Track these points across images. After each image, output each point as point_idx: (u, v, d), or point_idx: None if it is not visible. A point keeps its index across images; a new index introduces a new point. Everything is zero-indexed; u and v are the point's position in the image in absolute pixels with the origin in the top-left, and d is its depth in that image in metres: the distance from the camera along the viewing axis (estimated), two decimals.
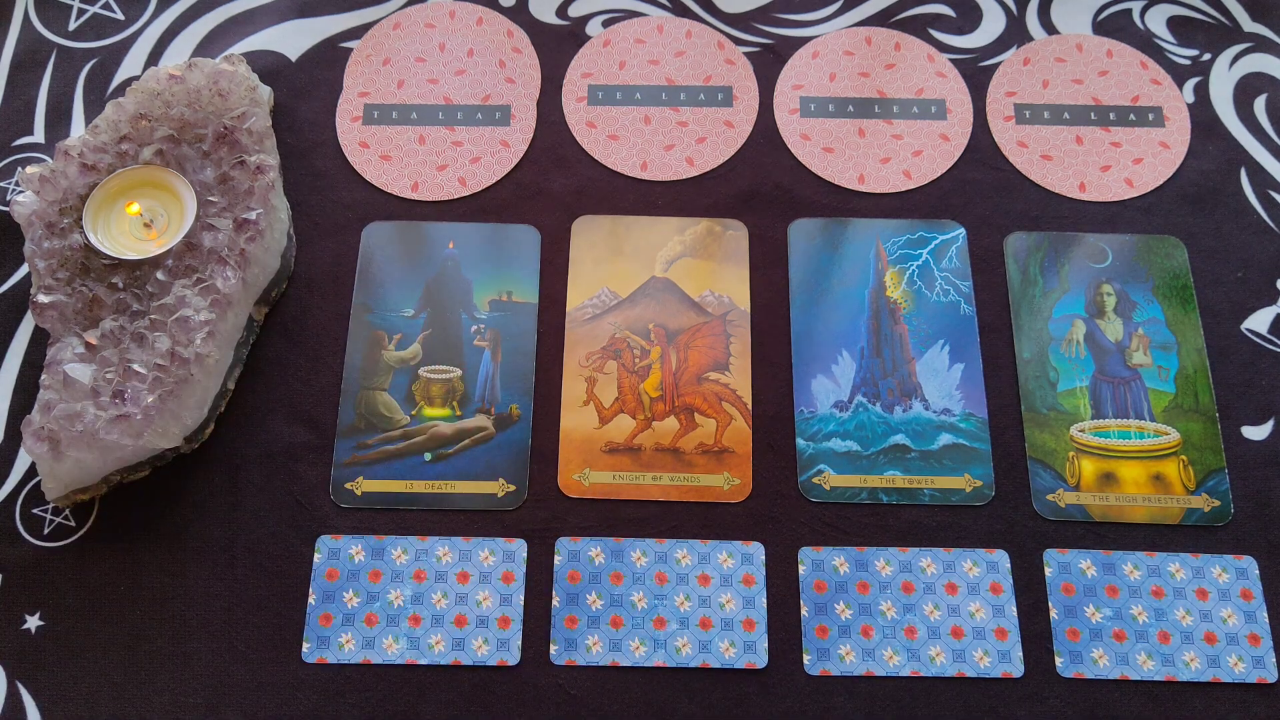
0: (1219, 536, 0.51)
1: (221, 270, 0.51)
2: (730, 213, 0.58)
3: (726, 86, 0.61)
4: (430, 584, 0.50)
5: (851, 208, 0.58)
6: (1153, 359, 0.54)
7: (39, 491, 0.51)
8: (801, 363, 0.54)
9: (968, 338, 0.55)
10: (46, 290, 0.50)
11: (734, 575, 0.50)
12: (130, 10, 0.63)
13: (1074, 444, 0.52)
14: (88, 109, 0.60)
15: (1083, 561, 0.50)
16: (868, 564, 0.50)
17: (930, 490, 0.52)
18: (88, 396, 0.48)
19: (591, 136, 0.60)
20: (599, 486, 0.52)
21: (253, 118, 0.55)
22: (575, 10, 0.64)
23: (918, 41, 0.63)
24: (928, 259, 0.57)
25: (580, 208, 0.58)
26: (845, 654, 0.48)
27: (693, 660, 0.48)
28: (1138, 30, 0.63)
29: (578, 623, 0.49)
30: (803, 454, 0.52)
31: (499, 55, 0.62)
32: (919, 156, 0.59)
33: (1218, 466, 0.52)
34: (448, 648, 0.48)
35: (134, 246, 0.52)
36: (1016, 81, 0.62)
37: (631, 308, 0.56)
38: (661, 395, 0.54)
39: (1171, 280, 0.56)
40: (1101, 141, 0.60)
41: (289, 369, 0.54)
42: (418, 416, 0.53)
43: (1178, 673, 0.48)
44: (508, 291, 0.56)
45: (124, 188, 0.53)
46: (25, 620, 0.49)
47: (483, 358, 0.55)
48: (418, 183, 0.59)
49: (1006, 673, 0.48)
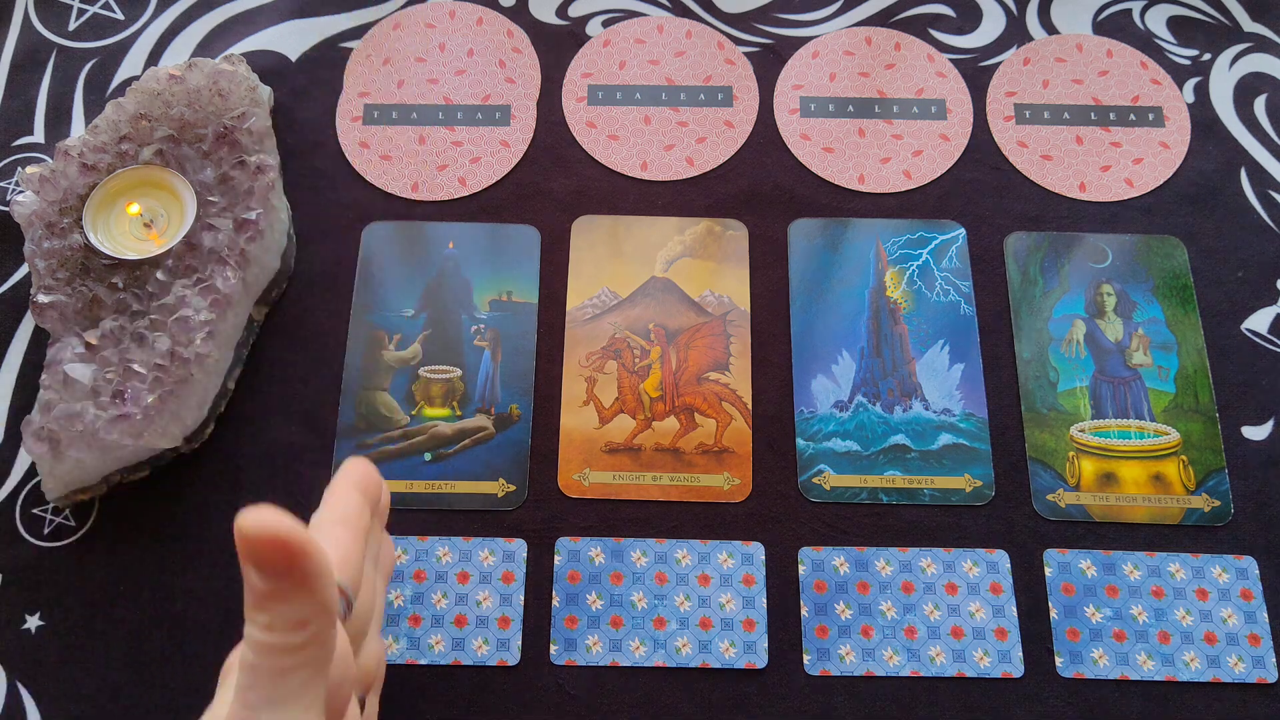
0: (1219, 536, 0.51)
1: (221, 270, 0.51)
2: (730, 213, 0.58)
3: (726, 86, 0.61)
4: (430, 584, 0.50)
5: (851, 208, 0.58)
6: (1153, 359, 0.54)
7: (39, 491, 0.51)
8: (801, 363, 0.54)
9: (968, 338, 0.55)
10: (46, 290, 0.50)
11: (734, 575, 0.50)
12: (130, 10, 0.63)
13: (1074, 444, 0.52)
14: (88, 109, 0.60)
15: (1083, 561, 0.50)
16: (868, 564, 0.50)
17: (930, 490, 0.52)
18: (88, 396, 0.48)
19: (591, 136, 0.60)
20: (599, 486, 0.52)
21: (253, 118, 0.55)
22: (575, 10, 0.64)
23: (918, 41, 0.63)
24: (928, 259, 0.57)
25: (580, 208, 0.58)
26: (845, 654, 0.48)
27: (693, 660, 0.48)
28: (1138, 30, 0.63)
29: (578, 623, 0.49)
30: (803, 454, 0.52)
31: (499, 55, 0.62)
32: (919, 156, 0.59)
33: (1218, 466, 0.52)
34: (448, 648, 0.48)
35: (134, 246, 0.52)
36: (1016, 81, 0.62)
37: (631, 308, 0.56)
38: (661, 395, 0.54)
39: (1171, 280, 0.56)
40: (1101, 141, 0.60)
41: (289, 369, 0.54)
42: (418, 416, 0.53)
43: (1178, 673, 0.48)
44: (508, 291, 0.56)
45: (124, 188, 0.53)
46: (25, 620, 0.49)
47: (483, 358, 0.55)
48: (418, 183, 0.59)
49: (1006, 673, 0.48)
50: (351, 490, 0.38)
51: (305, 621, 0.30)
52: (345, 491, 0.38)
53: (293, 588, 0.29)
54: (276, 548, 0.28)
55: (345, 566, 0.35)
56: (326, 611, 0.30)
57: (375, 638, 0.39)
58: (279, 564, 0.28)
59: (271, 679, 0.29)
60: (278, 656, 0.29)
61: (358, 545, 0.36)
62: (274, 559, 0.28)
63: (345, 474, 0.39)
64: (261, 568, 0.29)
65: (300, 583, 0.29)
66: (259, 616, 0.29)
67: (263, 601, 0.29)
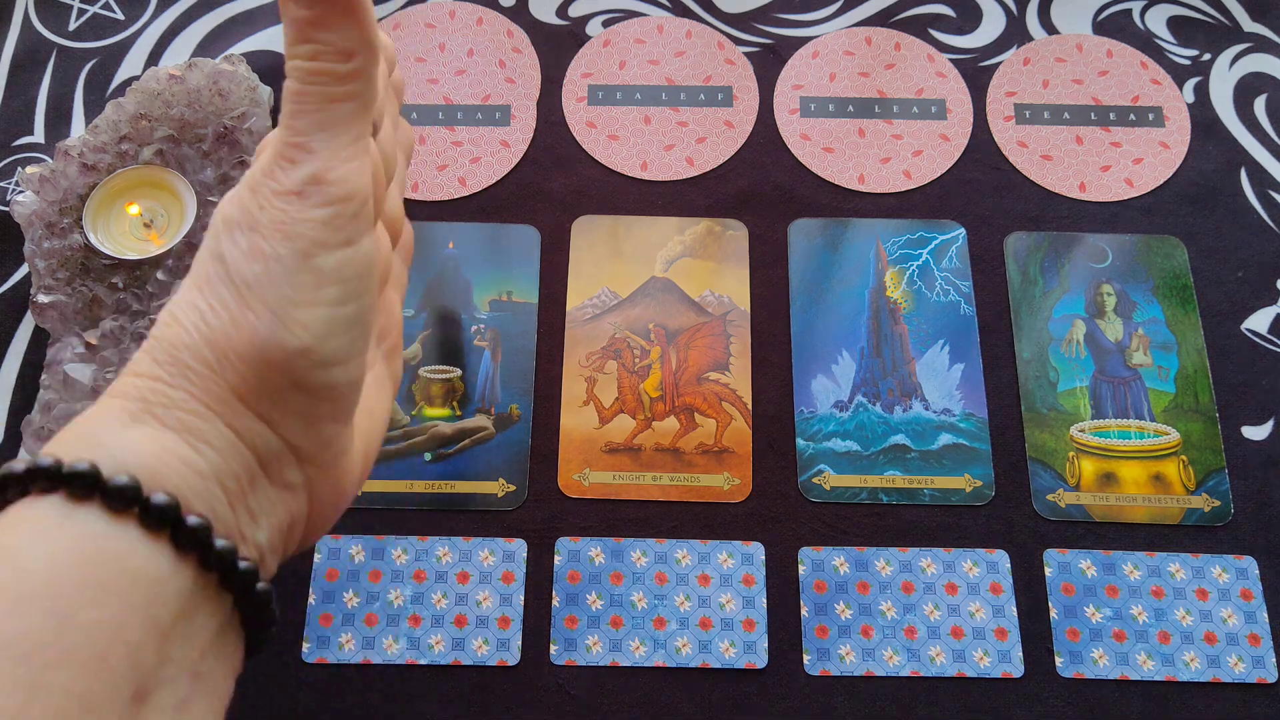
0: (1219, 536, 0.51)
1: None
2: (730, 213, 0.58)
3: (726, 86, 0.61)
4: (430, 584, 0.50)
5: (851, 208, 0.58)
6: (1153, 359, 0.54)
7: None
8: (801, 363, 0.54)
9: (968, 338, 0.55)
10: (46, 290, 0.50)
11: (734, 575, 0.50)
12: (130, 10, 0.63)
13: (1074, 444, 0.52)
14: (88, 109, 0.60)
15: (1083, 561, 0.50)
16: (868, 564, 0.50)
17: (930, 490, 0.51)
18: (88, 396, 0.48)
19: (591, 136, 0.60)
20: (599, 486, 0.52)
21: (253, 118, 0.55)
22: (575, 10, 0.64)
23: (918, 41, 0.63)
24: (928, 259, 0.57)
25: (580, 208, 0.58)
26: (845, 654, 0.48)
27: (693, 660, 0.48)
28: (1138, 30, 0.63)
29: (578, 623, 0.49)
30: (803, 454, 0.52)
31: (499, 55, 0.62)
32: (919, 156, 0.59)
33: (1218, 466, 0.52)
34: (448, 648, 0.48)
35: (134, 246, 0.52)
36: (1016, 81, 0.62)
37: (631, 308, 0.56)
38: (661, 395, 0.54)
39: (1171, 280, 0.56)
40: (1101, 141, 0.60)
41: None
42: (418, 416, 0.53)
43: (1178, 673, 0.48)
44: (508, 291, 0.56)
45: (124, 188, 0.53)
46: None
47: (483, 358, 0.55)
48: (418, 183, 0.59)
49: (1006, 673, 0.48)
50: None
51: (351, 52, 0.28)
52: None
53: (338, 14, 0.28)
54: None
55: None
56: (371, 47, 0.29)
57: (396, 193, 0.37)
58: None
59: (319, 104, 0.28)
60: (325, 82, 0.28)
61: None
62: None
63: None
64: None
65: (344, 8, 0.28)
66: (302, 48, 0.28)
67: (306, 30, 0.28)
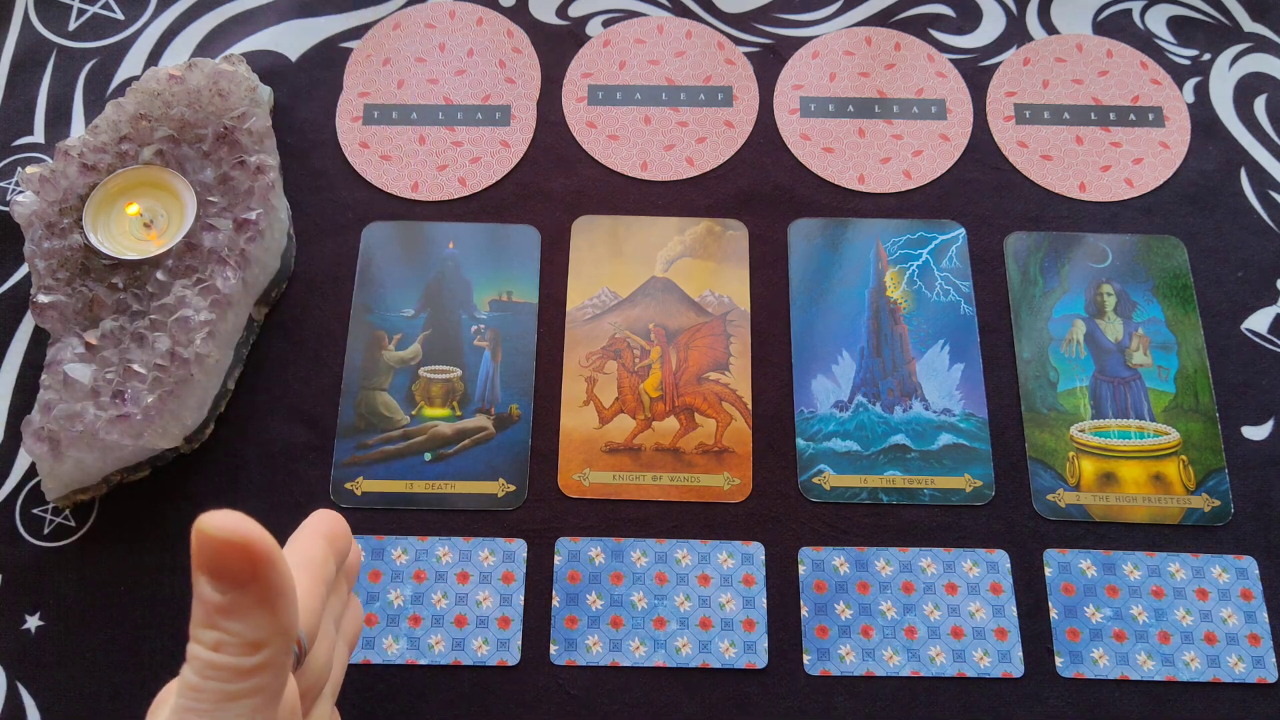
0: (1219, 536, 0.51)
1: (221, 270, 0.51)
2: (730, 213, 0.58)
3: (726, 86, 0.61)
4: (430, 584, 0.50)
5: (851, 208, 0.58)
6: (1153, 359, 0.54)
7: (39, 491, 0.51)
8: (801, 363, 0.54)
9: (968, 338, 0.55)
10: (46, 290, 0.50)
11: (734, 575, 0.50)
12: (130, 10, 0.63)
13: (1074, 444, 0.52)
14: (88, 109, 0.60)
15: (1083, 561, 0.50)
16: (868, 564, 0.50)
17: (930, 490, 0.52)
18: (88, 396, 0.48)
19: (591, 136, 0.60)
20: (599, 486, 0.52)
21: (253, 118, 0.55)
22: (575, 10, 0.64)
23: (918, 41, 0.63)
24: (928, 259, 0.57)
25: (580, 208, 0.58)
26: (845, 654, 0.48)
27: (693, 660, 0.48)
28: (1138, 30, 0.63)
29: (578, 623, 0.49)
30: (803, 454, 0.52)
31: (499, 55, 0.62)
32: (919, 156, 0.59)
33: (1218, 466, 0.52)
34: (448, 648, 0.48)
35: (134, 246, 0.52)
36: (1016, 81, 0.62)
37: (631, 308, 0.56)
38: (661, 395, 0.54)
39: (1171, 280, 0.56)
40: (1101, 141, 0.60)
41: (289, 369, 0.54)
42: (418, 416, 0.53)
43: (1178, 673, 0.48)
44: (508, 291, 0.56)
45: (124, 188, 0.53)
46: (25, 620, 0.49)
47: (483, 358, 0.55)
48: (418, 183, 0.59)
49: (1006, 673, 0.48)
50: (316, 538, 0.35)
51: (260, 644, 0.27)
52: (309, 538, 0.35)
53: (251, 603, 0.26)
54: (239, 553, 0.26)
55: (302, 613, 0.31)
56: (284, 635, 0.27)
57: (328, 705, 0.35)
58: (240, 572, 0.26)
59: (214, 703, 0.26)
60: (225, 679, 0.26)
61: (316, 592, 0.33)
62: (234, 566, 0.26)
63: (312, 522, 0.36)
64: (219, 575, 0.26)
65: (260, 598, 0.26)
66: (207, 634, 0.26)
67: (214, 616, 0.26)
